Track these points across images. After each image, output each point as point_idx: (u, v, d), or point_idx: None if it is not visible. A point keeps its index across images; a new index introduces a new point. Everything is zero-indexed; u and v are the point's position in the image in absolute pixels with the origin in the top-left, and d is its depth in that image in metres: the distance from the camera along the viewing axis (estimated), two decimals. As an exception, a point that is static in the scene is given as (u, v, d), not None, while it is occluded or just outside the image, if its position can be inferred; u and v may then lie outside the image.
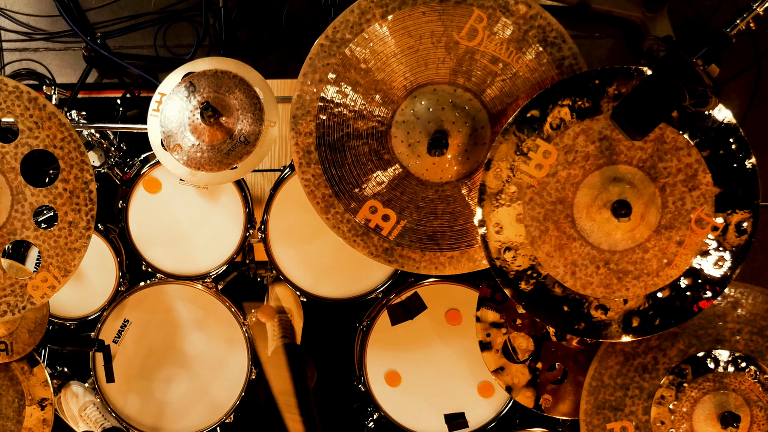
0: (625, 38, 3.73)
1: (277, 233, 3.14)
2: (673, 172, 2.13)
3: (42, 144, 2.29)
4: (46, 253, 2.33)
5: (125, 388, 3.32)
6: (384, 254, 2.44)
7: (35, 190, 2.29)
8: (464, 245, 2.43)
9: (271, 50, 3.89)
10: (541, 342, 2.71)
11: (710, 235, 2.16)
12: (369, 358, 3.23)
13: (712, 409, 2.41)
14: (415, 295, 3.18)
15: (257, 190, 3.64)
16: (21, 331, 2.78)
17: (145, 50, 3.89)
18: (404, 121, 2.34)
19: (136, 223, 3.19)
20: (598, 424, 2.50)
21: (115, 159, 3.35)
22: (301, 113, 2.36)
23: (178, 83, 2.72)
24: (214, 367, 3.33)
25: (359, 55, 2.31)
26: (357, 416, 3.65)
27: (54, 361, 3.71)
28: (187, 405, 3.35)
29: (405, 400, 3.25)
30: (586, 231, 2.19)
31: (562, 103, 2.14)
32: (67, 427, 3.59)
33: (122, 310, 3.27)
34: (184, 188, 3.14)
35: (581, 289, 2.23)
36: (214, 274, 3.27)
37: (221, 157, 2.69)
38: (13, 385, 2.83)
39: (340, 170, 2.40)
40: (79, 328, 3.44)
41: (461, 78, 2.30)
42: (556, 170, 2.17)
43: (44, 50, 3.91)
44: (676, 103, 2.05)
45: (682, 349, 2.45)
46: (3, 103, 2.26)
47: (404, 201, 2.40)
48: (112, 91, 3.90)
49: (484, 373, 3.06)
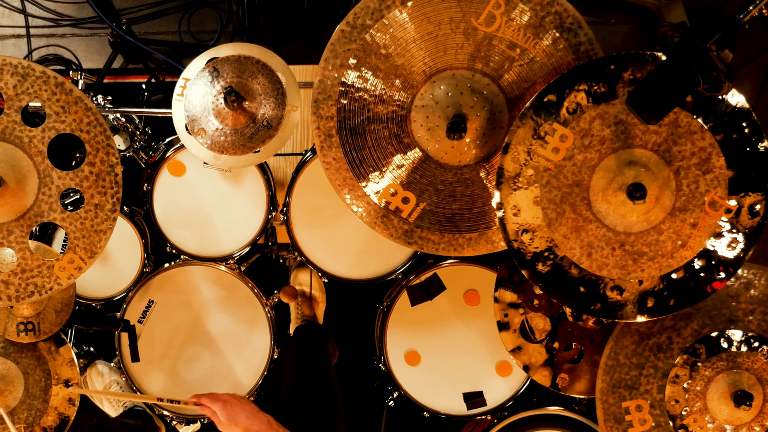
0: (640, 24, 3.70)
1: (299, 215, 3.15)
2: (687, 156, 2.12)
3: (69, 128, 2.28)
4: (72, 235, 2.32)
5: (150, 367, 3.35)
6: (404, 236, 2.43)
7: (62, 173, 2.29)
8: (482, 227, 2.42)
9: (293, 36, 3.89)
10: (557, 322, 2.71)
11: (723, 218, 2.15)
12: (389, 337, 3.25)
13: (725, 388, 2.40)
14: (434, 276, 3.20)
15: (279, 174, 3.64)
16: (48, 312, 2.79)
17: (170, 36, 3.88)
18: (423, 105, 2.34)
19: (161, 206, 3.22)
20: (614, 403, 2.49)
21: (141, 143, 3.36)
22: (322, 98, 2.36)
23: (202, 68, 2.71)
24: (237, 346, 3.36)
25: (379, 40, 2.30)
26: (377, 395, 3.66)
27: (80, 340, 3.75)
28: (210, 384, 3.37)
29: (424, 379, 3.27)
30: (602, 213, 2.18)
31: (578, 88, 2.13)
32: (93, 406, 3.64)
33: (147, 290, 3.30)
34: (207, 171, 3.16)
35: (597, 271, 2.22)
36: (237, 256, 3.29)
37: (244, 141, 2.69)
38: (40, 364, 2.84)
39: (361, 154, 2.39)
40: (105, 309, 3.48)
41: (479, 63, 2.30)
42: (572, 154, 2.16)
43: (71, 36, 3.90)
44: (690, 88, 2.03)
45: (696, 329, 2.44)
46: (30, 88, 2.25)
47: (423, 184, 2.39)
48: (137, 77, 3.90)
49: (502, 353, 3.10)
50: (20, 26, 3.78)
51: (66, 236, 2.34)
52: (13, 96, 2.25)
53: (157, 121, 3.58)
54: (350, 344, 3.75)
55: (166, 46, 3.85)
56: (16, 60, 2.25)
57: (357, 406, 3.79)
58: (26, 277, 2.34)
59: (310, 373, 3.09)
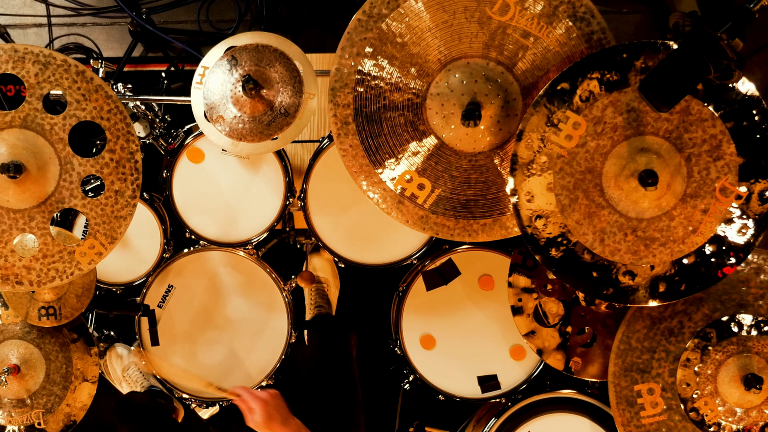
0: (652, 13, 3.70)
1: (316, 202, 3.16)
2: (698, 143, 2.14)
3: (89, 116, 2.30)
4: (93, 221, 2.34)
5: (169, 350, 3.34)
6: (419, 222, 2.44)
7: (83, 160, 2.31)
8: (497, 213, 2.42)
9: (310, 25, 3.88)
10: (570, 307, 2.73)
11: (734, 204, 2.16)
12: (405, 322, 3.25)
13: (735, 372, 2.41)
14: (449, 262, 3.20)
15: (297, 160, 3.64)
16: (69, 296, 2.82)
17: (189, 25, 3.90)
18: (439, 93, 2.34)
19: (180, 192, 3.21)
20: (626, 386, 2.50)
21: (160, 130, 3.36)
22: (339, 86, 2.36)
23: (220, 57, 2.71)
24: (255, 330, 3.35)
25: (395, 29, 2.31)
26: (393, 378, 3.68)
27: (101, 324, 3.76)
28: (228, 367, 3.37)
29: (439, 362, 3.27)
30: (615, 199, 2.19)
31: (591, 76, 2.14)
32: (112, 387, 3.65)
33: (167, 275, 3.30)
34: (226, 158, 3.16)
35: (610, 256, 2.23)
36: (255, 241, 3.29)
37: (262, 129, 2.69)
38: (63, 351, 2.89)
39: (377, 141, 2.39)
40: (125, 293, 3.47)
41: (494, 52, 2.30)
42: (585, 141, 2.17)
43: (91, 25, 3.92)
44: (701, 76, 2.04)
45: (707, 313, 2.45)
46: (52, 77, 2.27)
47: (439, 170, 2.40)
48: (156, 65, 3.91)
49: (516, 337, 3.06)
50: (42, 15, 3.79)
51: (87, 222, 2.34)
52: (34, 84, 2.27)
53: (177, 108, 3.61)
54: (366, 328, 3.72)
55: (185, 35, 3.85)
56: (37, 49, 2.27)
57: (373, 390, 3.77)
58: (47, 263, 2.36)
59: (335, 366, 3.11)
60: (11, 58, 2.26)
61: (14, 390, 2.85)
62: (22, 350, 2.86)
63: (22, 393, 2.85)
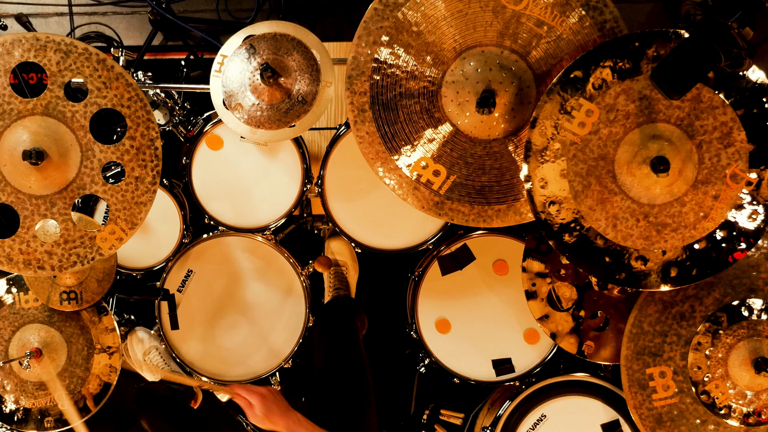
0: (664, 2, 3.65)
1: (333, 188, 3.17)
2: (709, 130, 2.15)
3: (110, 103, 2.31)
4: (113, 207, 2.35)
5: (188, 334, 3.36)
6: (435, 208, 2.45)
7: (104, 147, 2.32)
8: (511, 199, 2.44)
9: (327, 14, 3.88)
10: (583, 291, 2.75)
11: (744, 190, 2.17)
12: (420, 306, 3.26)
13: (746, 355, 2.43)
14: (464, 247, 3.21)
15: (314, 147, 3.64)
16: (90, 281, 2.83)
17: (208, 14, 3.89)
18: (454, 81, 2.36)
19: (199, 178, 3.23)
20: (638, 369, 2.52)
21: (179, 117, 3.37)
22: (355, 74, 2.38)
23: (239, 46, 2.72)
24: (274, 315, 3.37)
25: (411, 18, 2.32)
26: (409, 362, 3.69)
27: (121, 309, 3.77)
28: (247, 351, 3.39)
29: (454, 346, 3.29)
30: (627, 186, 2.21)
31: (603, 64, 2.16)
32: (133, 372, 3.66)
33: (186, 260, 3.32)
34: (244, 145, 3.17)
35: (622, 241, 2.25)
36: (274, 227, 3.31)
37: (280, 116, 2.70)
38: (83, 333, 2.89)
39: (393, 128, 2.41)
40: (145, 278, 3.51)
41: (508, 40, 2.32)
42: (598, 128, 2.19)
43: (112, 14, 3.93)
44: (711, 65, 2.06)
45: (718, 297, 2.46)
46: (73, 65, 2.29)
47: (454, 157, 2.41)
48: (176, 53, 3.92)
49: (530, 321, 3.08)
50: (63, 4, 3.77)
51: (107, 208, 2.35)
52: (56, 72, 2.29)
53: (196, 96, 3.63)
54: (382, 313, 3.75)
55: (204, 24, 3.85)
56: (59, 37, 2.29)
57: (389, 373, 3.82)
58: (69, 248, 2.37)
59: (339, 349, 3.10)
60: (33, 47, 2.28)
61: (37, 373, 2.87)
62: (44, 334, 2.88)
63: (44, 376, 2.87)
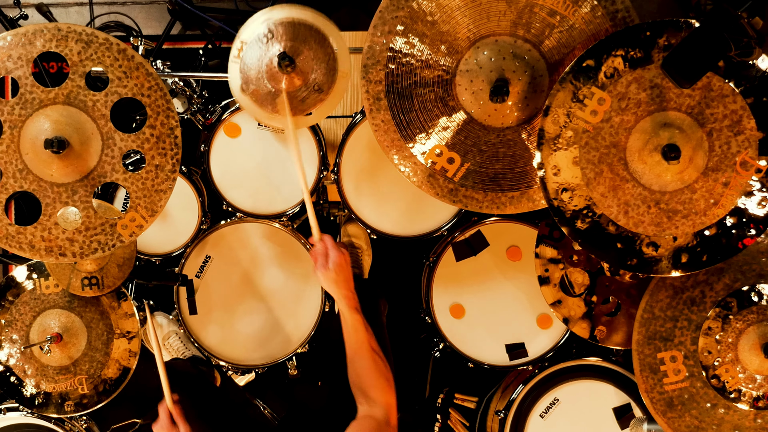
0: None
1: (348, 175, 3.20)
2: (719, 118, 2.16)
3: (130, 92, 2.32)
4: (134, 195, 2.37)
5: (207, 319, 3.40)
6: (449, 195, 2.48)
7: (124, 135, 2.34)
8: (524, 186, 2.46)
9: (342, 4, 3.90)
10: (596, 277, 2.76)
11: (754, 177, 2.19)
12: (435, 291, 3.29)
13: (755, 340, 2.43)
14: (478, 233, 3.24)
15: (330, 135, 3.66)
16: (111, 267, 2.87)
17: (226, 4, 3.90)
18: (468, 70, 2.37)
19: (218, 166, 3.26)
20: (650, 354, 2.52)
21: (198, 105, 3.39)
22: (371, 63, 2.40)
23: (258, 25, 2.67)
24: (290, 300, 3.40)
25: (426, 8, 2.33)
26: (424, 346, 3.76)
27: (140, 294, 3.79)
28: (264, 336, 3.43)
29: (469, 331, 3.32)
30: (638, 173, 2.22)
31: (615, 53, 2.18)
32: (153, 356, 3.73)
33: (204, 246, 3.35)
34: (261, 133, 3.20)
35: (633, 228, 2.27)
36: (291, 213, 3.33)
37: (297, 104, 2.67)
38: (103, 319, 2.93)
39: (408, 116, 2.43)
40: (164, 264, 3.55)
41: (521, 30, 2.33)
42: (610, 116, 2.21)
43: (131, 4, 3.96)
44: (722, 54, 2.07)
45: (728, 283, 2.46)
46: (94, 54, 2.30)
47: (468, 145, 2.43)
48: (194, 42, 3.96)
49: (543, 306, 3.11)
50: None
51: (127, 195, 2.39)
52: (77, 62, 2.31)
53: (214, 84, 3.64)
54: (398, 298, 3.77)
55: (222, 14, 3.86)
56: (80, 27, 2.30)
57: (404, 357, 3.77)
58: (90, 235, 2.40)
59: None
60: (55, 37, 2.29)
61: (57, 357, 2.92)
62: (64, 319, 2.92)
63: (65, 360, 2.92)
